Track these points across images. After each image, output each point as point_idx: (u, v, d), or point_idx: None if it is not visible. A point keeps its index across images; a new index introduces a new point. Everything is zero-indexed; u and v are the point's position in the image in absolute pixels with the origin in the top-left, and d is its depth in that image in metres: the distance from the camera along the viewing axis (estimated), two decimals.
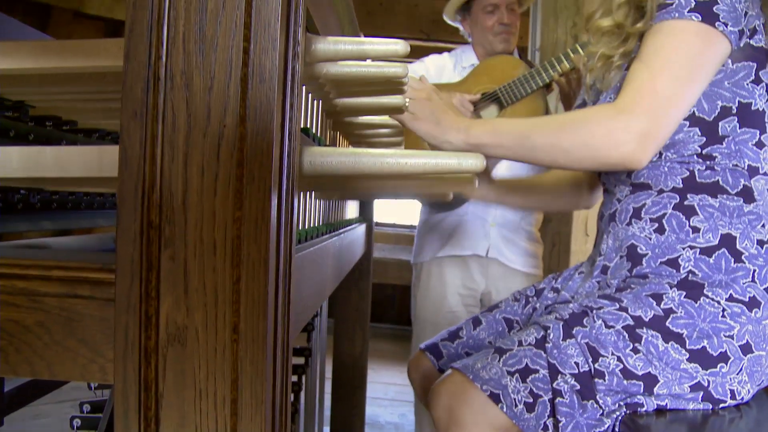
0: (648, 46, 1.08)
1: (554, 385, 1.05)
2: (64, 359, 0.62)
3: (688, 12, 1.05)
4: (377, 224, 2.44)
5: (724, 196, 1.10)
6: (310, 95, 0.92)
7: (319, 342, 2.00)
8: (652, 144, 1.05)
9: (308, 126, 0.93)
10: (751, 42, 1.10)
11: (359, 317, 2.17)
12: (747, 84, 1.11)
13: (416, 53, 3.66)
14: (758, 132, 1.11)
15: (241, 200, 0.55)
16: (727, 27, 1.05)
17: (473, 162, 0.66)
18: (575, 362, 1.05)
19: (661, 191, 1.13)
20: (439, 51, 2.60)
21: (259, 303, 0.56)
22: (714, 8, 1.05)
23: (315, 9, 0.86)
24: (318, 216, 1.03)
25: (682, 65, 1.05)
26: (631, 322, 1.05)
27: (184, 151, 0.56)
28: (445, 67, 2.47)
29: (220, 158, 0.56)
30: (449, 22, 2.51)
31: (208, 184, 0.56)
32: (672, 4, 1.06)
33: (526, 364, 1.07)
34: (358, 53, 0.77)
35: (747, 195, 1.10)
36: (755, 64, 1.11)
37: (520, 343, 1.10)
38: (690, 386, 1.03)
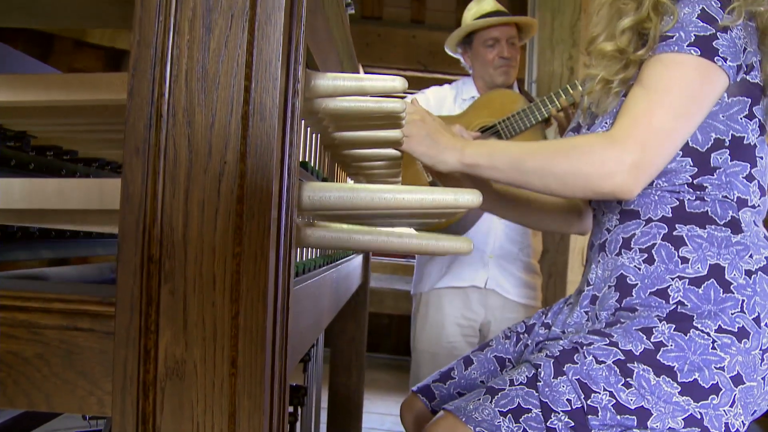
0: (647, 76, 1.09)
1: (548, 423, 1.05)
2: (63, 391, 0.62)
3: (687, 46, 1.06)
4: (374, 254, 2.45)
5: (713, 226, 1.11)
6: (308, 129, 0.94)
7: (315, 372, 2.00)
8: (644, 176, 1.06)
9: (307, 159, 0.94)
10: (748, 78, 1.11)
11: (355, 347, 2.17)
12: (741, 118, 1.12)
13: (414, 84, 3.70)
14: (749, 165, 1.13)
15: (241, 236, 0.56)
16: (726, 62, 1.07)
17: (470, 198, 0.67)
18: (567, 399, 1.05)
19: (649, 220, 1.14)
20: (437, 82, 2.63)
21: (257, 337, 0.57)
22: (714, 43, 1.06)
23: (315, 45, 0.88)
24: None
25: (679, 99, 1.06)
26: (622, 357, 1.05)
27: (185, 187, 0.57)
28: (445, 98, 2.51)
29: (220, 194, 0.57)
30: (450, 53, 2.55)
31: (208, 220, 0.57)
32: (672, 37, 1.08)
33: (519, 403, 1.07)
34: (357, 89, 0.79)
35: (735, 226, 1.11)
36: (750, 100, 1.12)
37: (511, 383, 1.10)
38: (683, 419, 1.03)
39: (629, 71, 1.15)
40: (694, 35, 1.07)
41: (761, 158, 1.15)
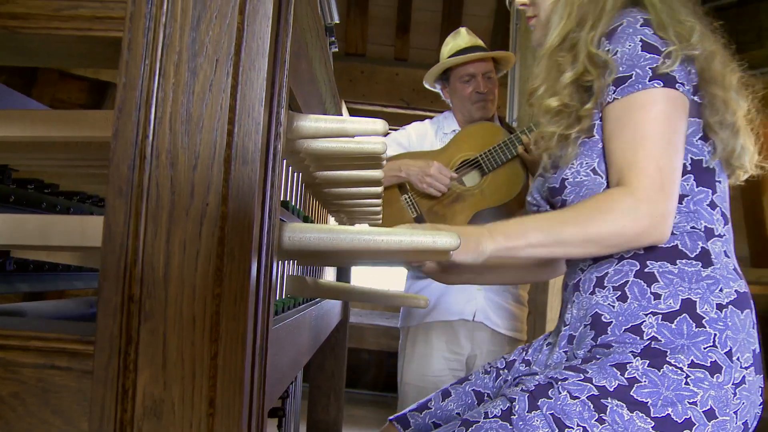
0: (628, 123, 1.11)
1: None
2: (38, 431, 0.62)
3: (649, 81, 1.10)
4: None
5: (683, 261, 1.13)
6: (290, 168, 0.95)
7: (294, 408, 1.99)
8: (672, 216, 1.09)
9: (288, 197, 0.95)
10: (695, 98, 1.15)
11: (334, 384, 2.16)
12: (696, 140, 1.16)
13: (397, 121, 3.75)
14: (710, 191, 1.16)
15: (221, 277, 0.57)
16: (684, 86, 1.11)
17: (448, 240, 0.68)
18: None
19: (621, 258, 1.16)
20: (419, 119, 2.66)
21: (235, 378, 0.57)
22: (670, 72, 1.10)
23: (297, 87, 0.90)
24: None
25: (666, 135, 1.09)
26: (596, 393, 1.06)
27: (166, 228, 0.58)
28: (426, 134, 2.53)
29: (201, 236, 0.58)
30: (429, 88, 2.59)
31: (189, 261, 0.58)
32: (631, 77, 1.11)
33: None
34: (339, 131, 0.80)
35: (705, 259, 1.13)
36: (701, 121, 1.16)
37: (486, 416, 1.11)
38: None
39: (584, 123, 1.17)
40: (650, 68, 1.10)
41: (719, 182, 1.18)
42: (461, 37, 2.48)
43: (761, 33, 4.33)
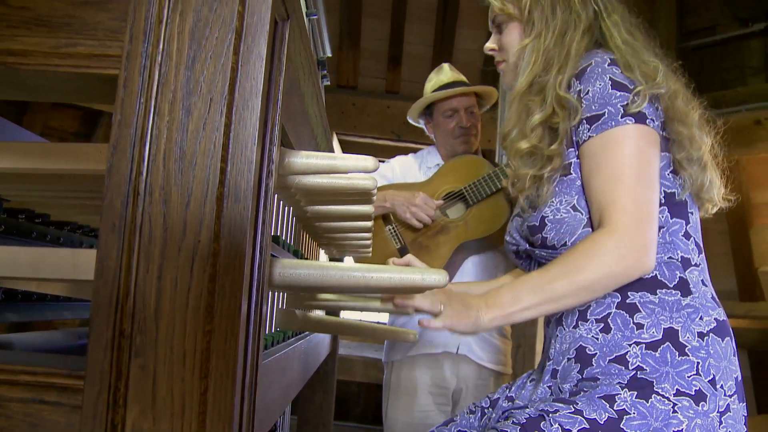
0: (603, 161, 1.14)
1: None
2: None
3: (621, 118, 1.13)
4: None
5: (663, 290, 1.15)
6: (281, 202, 0.96)
7: None
8: (653, 247, 1.13)
9: (279, 230, 0.96)
10: (664, 134, 1.18)
11: (323, 417, 2.15)
12: (668, 174, 1.19)
13: (387, 153, 3.76)
14: (684, 222, 1.19)
15: (212, 314, 0.58)
16: (654, 122, 1.15)
17: (437, 278, 0.69)
18: None
19: None
20: (410, 151, 2.68)
21: (225, 413, 0.57)
22: (640, 109, 1.13)
23: (289, 123, 0.91)
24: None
25: (640, 169, 1.13)
26: (587, 426, 1.07)
27: (158, 264, 0.59)
28: (410, 167, 2.55)
29: (193, 272, 0.58)
30: (413, 123, 2.61)
31: (180, 297, 0.58)
32: (603, 114, 1.14)
33: None
34: (329, 168, 0.81)
35: (684, 288, 1.15)
36: (670, 155, 1.19)
37: None
38: None
39: (555, 162, 1.21)
40: (621, 106, 1.14)
41: (692, 214, 1.21)
42: (444, 73, 2.51)
43: (744, 70, 4.41)
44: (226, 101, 0.63)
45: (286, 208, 1.02)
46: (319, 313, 1.68)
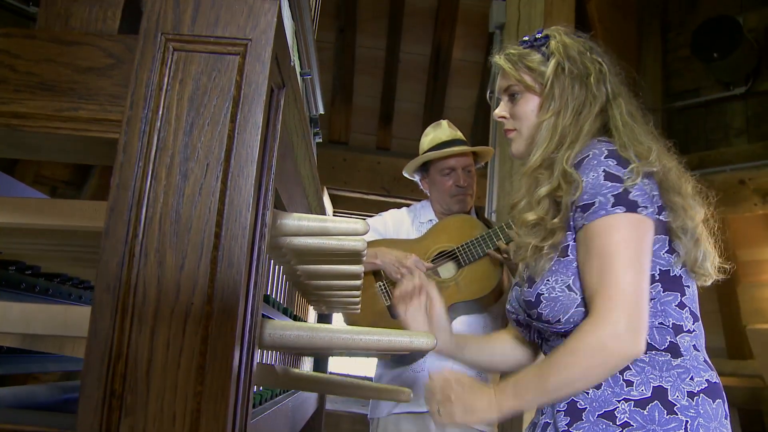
0: (593, 249, 1.18)
1: None
2: None
3: (611, 207, 1.17)
4: (331, 374, 2.42)
5: (653, 352, 1.17)
6: (272, 261, 0.98)
7: None
8: (640, 331, 1.15)
9: (269, 288, 0.97)
10: (661, 218, 1.21)
11: None
12: (663, 254, 1.22)
13: (377, 208, 3.79)
14: (679, 294, 1.21)
15: (203, 375, 0.59)
16: (647, 209, 1.18)
17: (424, 341, 0.70)
18: None
19: None
20: (399, 206, 2.69)
21: None
22: (629, 197, 1.17)
23: (282, 185, 0.93)
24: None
25: (629, 256, 1.16)
26: None
27: (151, 325, 0.60)
28: (403, 221, 2.55)
29: (185, 334, 0.60)
30: (408, 177, 2.63)
31: (172, 358, 0.59)
32: (594, 204, 1.18)
33: None
34: (321, 230, 0.83)
35: (674, 351, 1.17)
36: (667, 237, 1.22)
37: None
38: None
39: (557, 236, 1.24)
40: (612, 196, 1.17)
41: (688, 287, 1.24)
42: (442, 130, 2.52)
43: (728, 131, 4.52)
44: (222, 167, 0.65)
45: (277, 267, 1.03)
46: (306, 366, 1.67)
